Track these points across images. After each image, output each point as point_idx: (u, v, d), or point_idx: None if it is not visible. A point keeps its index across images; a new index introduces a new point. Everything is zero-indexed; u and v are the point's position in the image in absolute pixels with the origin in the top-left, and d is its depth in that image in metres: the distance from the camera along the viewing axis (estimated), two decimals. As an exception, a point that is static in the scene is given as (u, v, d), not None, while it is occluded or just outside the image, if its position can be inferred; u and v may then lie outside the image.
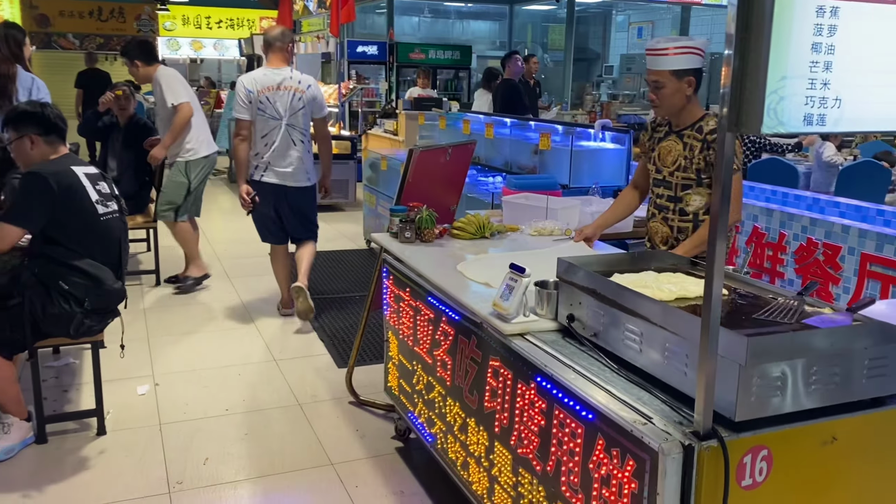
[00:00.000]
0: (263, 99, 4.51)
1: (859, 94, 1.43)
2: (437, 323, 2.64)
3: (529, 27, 15.19)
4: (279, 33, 4.65)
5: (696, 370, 1.67)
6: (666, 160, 2.94)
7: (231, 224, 8.05)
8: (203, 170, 5.51)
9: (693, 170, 2.86)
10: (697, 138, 2.84)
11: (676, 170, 2.90)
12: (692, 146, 2.85)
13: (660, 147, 2.99)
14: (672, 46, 2.77)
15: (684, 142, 2.88)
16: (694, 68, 2.79)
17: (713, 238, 1.49)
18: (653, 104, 2.89)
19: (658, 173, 2.99)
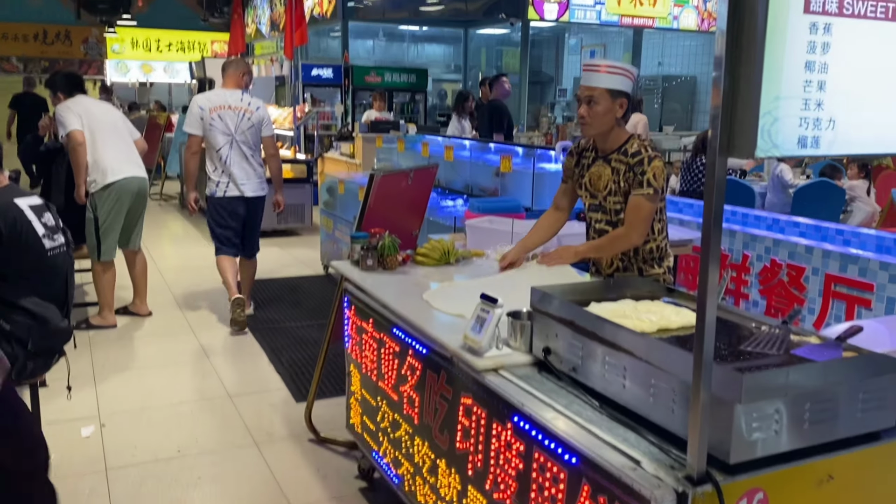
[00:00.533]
0: (215, 116, 4.98)
1: (853, 115, 1.36)
2: (402, 357, 2.50)
3: (484, 51, 15.27)
4: (234, 61, 5.28)
5: (684, 408, 1.57)
6: (598, 185, 2.90)
7: (183, 251, 7.79)
8: (112, 201, 4.99)
9: (622, 193, 2.82)
10: (622, 161, 2.80)
11: (609, 194, 2.86)
12: (618, 170, 2.81)
13: (589, 173, 2.93)
14: (605, 65, 2.77)
15: (612, 166, 2.84)
16: (626, 91, 2.78)
17: (704, 268, 1.40)
18: (582, 122, 2.81)
19: (593, 198, 2.94)
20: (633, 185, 2.75)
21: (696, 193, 6.74)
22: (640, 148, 2.78)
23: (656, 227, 2.89)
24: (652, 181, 2.74)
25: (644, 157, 2.75)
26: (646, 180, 2.74)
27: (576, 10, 11.23)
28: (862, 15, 1.32)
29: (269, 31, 15.78)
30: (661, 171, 2.76)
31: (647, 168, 2.74)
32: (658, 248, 2.94)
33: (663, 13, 11.94)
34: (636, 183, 2.75)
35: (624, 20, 11.73)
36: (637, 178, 2.75)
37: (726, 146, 1.32)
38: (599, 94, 2.74)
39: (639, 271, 2.93)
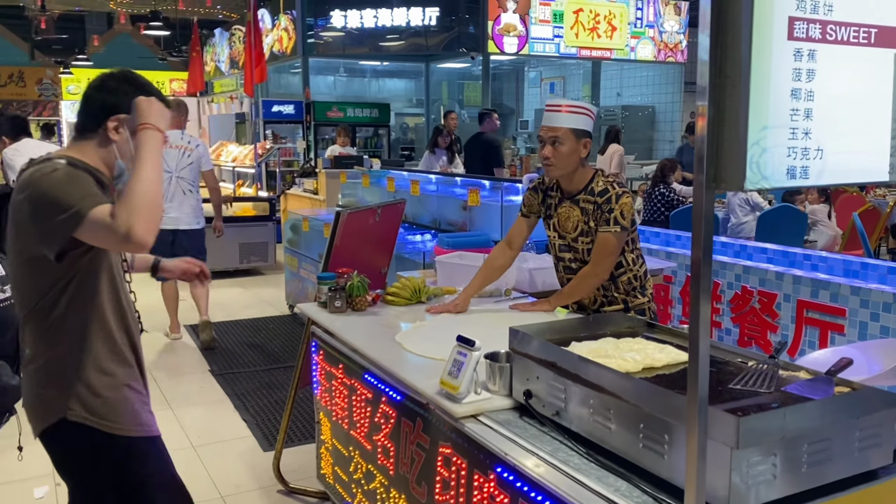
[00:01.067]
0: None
1: (840, 144, 1.31)
2: (375, 404, 2.38)
3: (445, 84, 15.34)
4: (175, 104, 5.59)
5: (677, 453, 1.49)
6: (566, 226, 2.86)
7: (142, 295, 7.55)
8: None
9: (593, 233, 2.78)
10: (590, 201, 2.78)
11: (580, 235, 2.82)
12: (587, 210, 2.78)
13: (557, 214, 2.89)
14: (566, 105, 2.74)
15: (581, 206, 2.80)
16: (589, 131, 2.77)
17: (696, 304, 1.32)
18: (546, 164, 2.76)
19: (562, 239, 2.90)
20: (601, 223, 2.73)
21: (657, 222, 6.78)
22: (606, 186, 2.75)
23: (629, 258, 2.85)
24: (619, 219, 2.72)
25: (612, 194, 2.73)
26: (613, 218, 2.71)
27: (535, 43, 11.35)
28: (845, 41, 1.29)
29: (228, 68, 15.68)
30: (629, 207, 2.73)
31: (615, 206, 2.72)
32: (636, 278, 2.89)
33: (620, 45, 12.14)
34: (603, 220, 2.73)
35: (582, 52, 11.89)
36: (604, 216, 2.72)
37: (713, 179, 1.26)
38: (563, 134, 2.71)
39: (623, 303, 2.87)
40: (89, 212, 1.72)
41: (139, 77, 1.99)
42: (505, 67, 15.36)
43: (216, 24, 16.94)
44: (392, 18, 11.49)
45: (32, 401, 1.94)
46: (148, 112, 1.87)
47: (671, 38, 12.60)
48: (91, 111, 1.93)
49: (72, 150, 1.93)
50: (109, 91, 1.92)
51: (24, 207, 1.79)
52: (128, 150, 1.93)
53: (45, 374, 1.90)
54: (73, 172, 1.81)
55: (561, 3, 11.47)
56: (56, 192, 1.75)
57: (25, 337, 1.93)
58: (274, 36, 12.85)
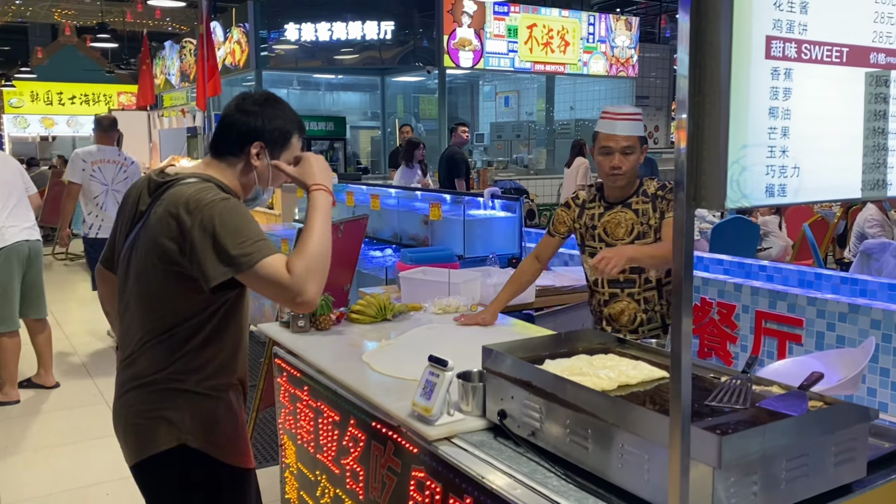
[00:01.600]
0: (95, 169, 5.80)
1: (816, 162, 1.32)
2: (343, 426, 2.32)
3: (401, 98, 15.33)
4: (109, 124, 6.03)
5: (658, 474, 1.47)
6: (617, 233, 2.80)
7: (92, 314, 7.32)
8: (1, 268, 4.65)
9: (652, 232, 2.75)
10: (645, 202, 2.78)
11: (636, 238, 2.76)
12: (643, 210, 2.78)
13: (603, 223, 2.84)
14: (629, 113, 2.78)
15: (634, 209, 2.78)
16: (645, 137, 2.83)
17: (677, 320, 1.31)
18: (616, 173, 2.73)
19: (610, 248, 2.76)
20: (669, 209, 2.70)
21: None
22: (661, 183, 2.80)
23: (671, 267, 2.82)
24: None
25: (671, 186, 2.70)
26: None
27: (490, 57, 11.43)
28: (819, 60, 1.30)
29: (178, 81, 15.41)
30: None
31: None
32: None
33: (573, 60, 12.31)
34: (671, 208, 2.62)
35: (536, 67, 12.02)
36: (672, 204, 2.64)
37: (693, 197, 1.26)
38: (634, 142, 2.73)
39: (662, 320, 2.83)
40: (263, 259, 1.70)
41: (280, 100, 1.97)
42: (460, 81, 15.43)
43: (166, 36, 16.67)
44: (347, 32, 11.45)
45: (145, 423, 1.84)
46: (317, 171, 1.90)
47: (622, 53, 12.82)
48: (232, 135, 1.90)
49: (214, 171, 1.90)
50: (251, 115, 1.90)
51: (192, 231, 1.72)
52: (267, 176, 1.93)
53: (168, 397, 1.83)
54: (241, 206, 1.81)
55: (515, 19, 11.59)
56: (233, 225, 1.72)
57: (145, 355, 1.83)
58: (226, 49, 12.68)
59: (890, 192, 1.43)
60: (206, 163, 1.94)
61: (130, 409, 1.86)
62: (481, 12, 11.23)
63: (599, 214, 2.87)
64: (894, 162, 1.42)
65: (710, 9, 1.18)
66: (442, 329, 2.88)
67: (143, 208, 1.87)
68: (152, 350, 1.82)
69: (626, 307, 2.85)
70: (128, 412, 1.86)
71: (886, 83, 1.39)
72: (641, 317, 2.83)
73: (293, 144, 1.96)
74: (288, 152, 1.95)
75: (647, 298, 2.82)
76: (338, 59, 11.87)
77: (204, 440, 1.85)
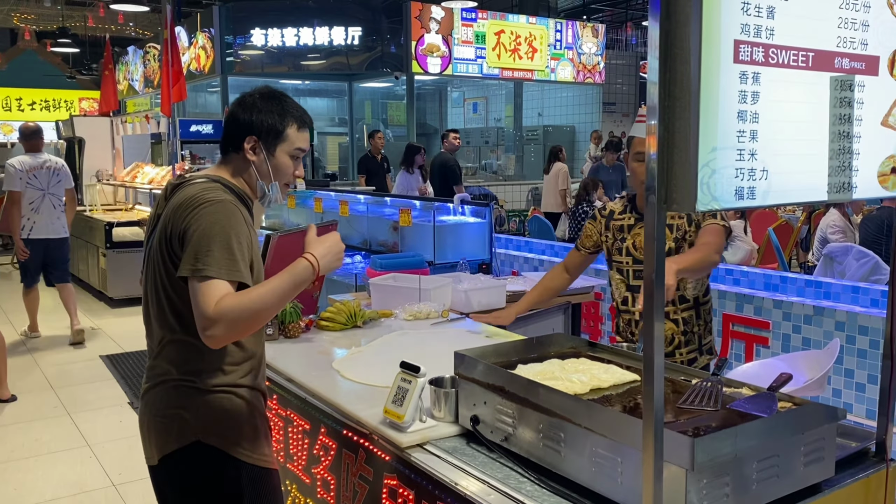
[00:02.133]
0: (31, 176, 6.15)
1: (784, 164, 1.33)
2: (314, 435, 2.29)
3: (369, 104, 15.29)
4: (33, 132, 6.34)
5: (632, 477, 1.48)
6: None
7: (52, 323, 7.16)
8: None
9: (687, 247, 2.57)
10: (680, 216, 2.59)
11: (667, 254, 2.53)
12: (678, 226, 2.58)
13: (633, 236, 2.64)
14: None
15: (668, 224, 2.57)
16: None
17: (649, 323, 1.31)
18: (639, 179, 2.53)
19: (639, 264, 2.62)
20: (705, 217, 2.54)
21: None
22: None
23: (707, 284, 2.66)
24: (725, 217, 2.54)
25: None
26: (718, 214, 2.51)
27: (458, 63, 11.46)
28: (785, 64, 1.31)
29: (142, 87, 15.19)
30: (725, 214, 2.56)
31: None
32: (709, 313, 2.69)
33: (541, 66, 12.40)
34: (709, 216, 2.54)
35: (504, 73, 12.08)
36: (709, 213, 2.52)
37: (665, 200, 1.26)
38: None
39: (699, 341, 2.66)
40: (208, 280, 1.68)
41: (278, 94, 1.94)
42: (428, 87, 15.45)
43: (129, 41, 16.42)
44: (314, 37, 11.39)
45: (163, 421, 1.83)
46: (322, 247, 1.88)
47: (589, 60, 12.95)
48: (230, 130, 1.92)
49: (222, 171, 1.92)
50: (246, 109, 1.90)
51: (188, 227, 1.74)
52: (266, 170, 1.92)
53: (185, 394, 1.81)
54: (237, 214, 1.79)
55: (483, 25, 11.64)
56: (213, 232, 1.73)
57: (164, 353, 1.84)
58: (191, 54, 12.53)
59: (855, 195, 1.46)
60: (218, 163, 1.96)
61: (150, 408, 1.86)
62: (449, 19, 11.27)
63: (629, 226, 2.67)
64: (859, 165, 1.45)
65: (680, 13, 1.19)
66: (413, 335, 2.87)
67: (160, 212, 1.90)
68: (170, 348, 1.83)
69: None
70: (148, 410, 1.86)
71: (851, 87, 1.41)
72: (679, 338, 2.62)
73: (290, 137, 1.92)
74: (285, 145, 1.92)
75: (685, 319, 2.63)
76: (305, 64, 11.80)
77: (220, 437, 1.82)
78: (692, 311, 2.64)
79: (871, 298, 3.86)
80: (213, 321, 1.65)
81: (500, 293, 3.54)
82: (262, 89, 1.95)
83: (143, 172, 10.74)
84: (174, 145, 11.07)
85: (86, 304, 7.96)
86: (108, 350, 6.11)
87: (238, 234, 1.77)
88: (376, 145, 8.68)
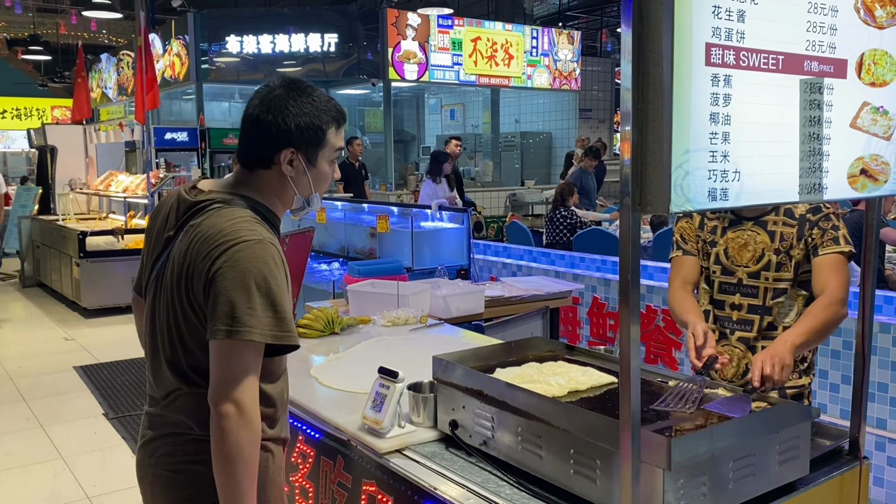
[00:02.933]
0: None
1: (756, 166, 1.35)
2: (291, 443, 2.27)
3: (345, 111, 15.29)
4: None
5: (609, 478, 1.48)
6: (741, 257, 2.19)
7: (26, 335, 7.05)
8: None
9: (791, 266, 2.14)
10: (788, 224, 2.16)
11: (763, 269, 2.16)
12: (782, 234, 2.15)
13: (726, 241, 2.23)
14: None
15: (769, 230, 2.17)
16: None
17: (625, 326, 1.32)
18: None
19: (728, 275, 2.22)
20: (825, 243, 2.10)
21: (560, 245, 6.92)
22: (815, 206, 2.14)
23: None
24: (849, 239, 2.11)
25: (829, 212, 2.13)
26: (842, 236, 2.10)
27: (435, 70, 11.48)
28: (756, 67, 1.33)
29: (116, 95, 15.04)
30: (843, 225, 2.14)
31: (840, 224, 2.11)
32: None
33: (518, 73, 12.45)
34: (829, 240, 2.10)
35: (481, 80, 12.11)
36: (829, 235, 2.10)
37: (639, 203, 1.27)
38: None
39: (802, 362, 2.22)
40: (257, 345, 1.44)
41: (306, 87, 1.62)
42: (405, 94, 15.45)
43: (102, 49, 16.26)
44: (290, 44, 11.35)
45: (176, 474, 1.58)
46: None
47: (565, 67, 13.03)
48: (257, 140, 1.59)
49: (248, 189, 1.60)
50: (275, 111, 1.57)
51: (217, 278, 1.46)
52: (308, 183, 1.62)
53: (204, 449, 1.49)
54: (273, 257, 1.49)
55: (459, 32, 11.67)
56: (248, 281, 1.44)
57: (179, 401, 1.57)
58: (165, 62, 12.42)
59: (826, 196, 1.48)
60: (239, 176, 1.64)
61: (159, 460, 1.60)
62: (425, 25, 11.28)
63: (723, 229, 2.25)
64: (829, 166, 1.47)
65: (652, 17, 1.20)
66: (391, 341, 2.86)
67: (171, 233, 1.60)
68: (185, 400, 1.56)
69: (736, 355, 2.23)
70: (156, 462, 1.60)
71: (820, 90, 1.43)
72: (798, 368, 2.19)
73: (330, 140, 1.63)
74: (326, 151, 1.63)
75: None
76: (281, 71, 11.74)
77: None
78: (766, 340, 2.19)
79: (843, 300, 3.92)
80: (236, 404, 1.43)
81: (479, 299, 3.54)
82: (286, 82, 1.61)
83: (116, 181, 10.63)
84: (149, 153, 10.96)
85: (59, 315, 7.84)
86: (82, 361, 6.01)
87: (279, 282, 1.50)
88: (354, 152, 8.66)
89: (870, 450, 3.33)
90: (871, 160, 1.55)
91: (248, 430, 1.45)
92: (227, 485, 1.46)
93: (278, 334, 1.47)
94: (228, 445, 1.43)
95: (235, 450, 1.43)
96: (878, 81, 1.53)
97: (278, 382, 1.64)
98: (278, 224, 1.65)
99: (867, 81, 1.52)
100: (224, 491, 1.46)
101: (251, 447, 1.46)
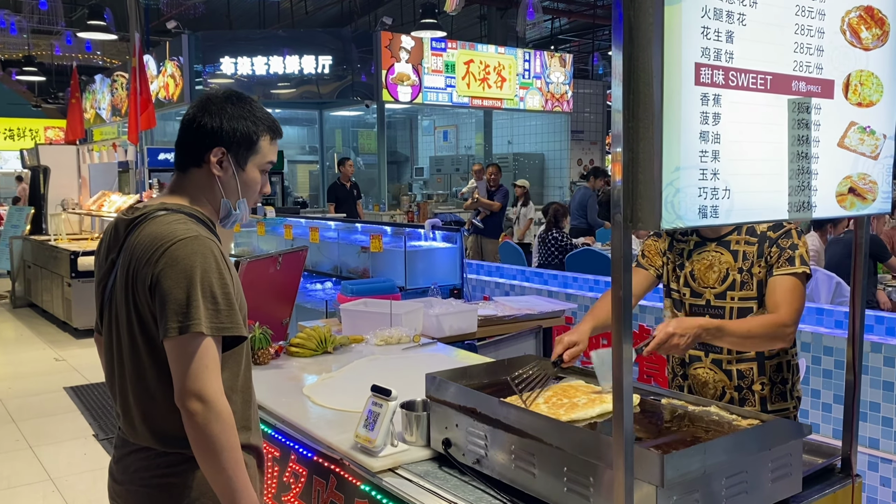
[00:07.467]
0: None
1: (745, 184, 1.37)
2: (283, 462, 2.26)
3: (339, 132, 15.32)
4: None
5: (603, 497, 1.48)
6: (708, 278, 2.19)
7: (16, 356, 6.99)
8: None
9: (754, 284, 2.14)
10: (750, 242, 2.16)
11: (729, 289, 2.16)
12: (745, 253, 2.15)
13: (692, 263, 2.23)
14: None
15: (732, 250, 2.17)
16: None
17: (618, 344, 1.33)
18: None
19: (697, 297, 2.22)
20: (780, 264, 2.10)
21: (552, 265, 6.94)
22: (776, 222, 2.13)
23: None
24: (805, 259, 2.10)
25: (790, 229, 2.13)
26: (798, 256, 2.09)
27: (428, 92, 11.56)
28: (745, 86, 1.35)
29: (110, 115, 15.06)
30: (805, 247, 2.12)
31: (799, 242, 2.11)
32: (789, 367, 2.22)
33: (510, 95, 12.55)
34: (785, 260, 2.09)
35: (474, 102, 12.20)
36: (786, 254, 2.10)
37: (630, 219, 1.28)
38: None
39: (762, 404, 2.19)
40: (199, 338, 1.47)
41: (245, 97, 1.69)
42: (399, 115, 15.54)
43: (97, 70, 16.31)
44: (284, 66, 11.41)
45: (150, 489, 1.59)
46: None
47: (557, 89, 13.14)
48: (189, 138, 1.64)
49: (181, 196, 1.65)
50: (210, 114, 1.63)
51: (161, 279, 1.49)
52: (235, 186, 1.67)
53: (173, 463, 1.56)
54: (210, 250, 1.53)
55: (452, 55, 11.77)
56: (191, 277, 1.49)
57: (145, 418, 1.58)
58: (159, 83, 12.47)
59: (815, 214, 1.50)
60: (173, 184, 1.69)
61: (131, 477, 1.61)
62: (419, 48, 11.38)
63: (689, 252, 2.25)
64: (818, 185, 1.49)
65: (643, 37, 1.22)
66: (384, 360, 2.85)
67: (114, 255, 1.64)
68: (150, 412, 1.58)
69: (711, 376, 2.24)
70: (131, 477, 1.62)
71: (808, 110, 1.46)
72: (732, 394, 2.21)
73: (263, 149, 1.69)
74: (257, 158, 1.69)
75: (741, 372, 2.18)
76: (275, 93, 11.81)
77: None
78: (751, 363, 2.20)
79: (835, 320, 3.93)
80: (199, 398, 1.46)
81: (472, 318, 3.54)
82: (228, 91, 1.68)
83: (109, 201, 10.62)
84: (142, 174, 10.97)
85: (50, 335, 7.80)
86: (72, 381, 5.97)
87: (221, 274, 1.54)
88: (345, 172, 8.69)
89: (863, 469, 3.33)
90: (860, 179, 1.57)
91: (219, 420, 1.49)
92: (216, 477, 1.50)
93: (220, 326, 1.51)
94: (204, 440, 1.48)
95: (211, 442, 1.48)
96: (865, 102, 1.56)
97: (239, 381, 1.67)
98: (214, 228, 1.68)
99: (854, 102, 1.54)
100: (216, 483, 1.51)
101: (227, 434, 1.49)
